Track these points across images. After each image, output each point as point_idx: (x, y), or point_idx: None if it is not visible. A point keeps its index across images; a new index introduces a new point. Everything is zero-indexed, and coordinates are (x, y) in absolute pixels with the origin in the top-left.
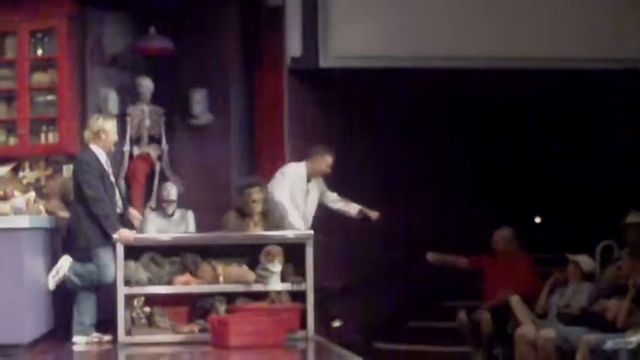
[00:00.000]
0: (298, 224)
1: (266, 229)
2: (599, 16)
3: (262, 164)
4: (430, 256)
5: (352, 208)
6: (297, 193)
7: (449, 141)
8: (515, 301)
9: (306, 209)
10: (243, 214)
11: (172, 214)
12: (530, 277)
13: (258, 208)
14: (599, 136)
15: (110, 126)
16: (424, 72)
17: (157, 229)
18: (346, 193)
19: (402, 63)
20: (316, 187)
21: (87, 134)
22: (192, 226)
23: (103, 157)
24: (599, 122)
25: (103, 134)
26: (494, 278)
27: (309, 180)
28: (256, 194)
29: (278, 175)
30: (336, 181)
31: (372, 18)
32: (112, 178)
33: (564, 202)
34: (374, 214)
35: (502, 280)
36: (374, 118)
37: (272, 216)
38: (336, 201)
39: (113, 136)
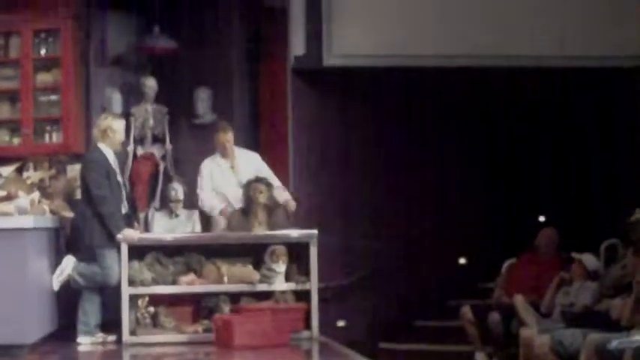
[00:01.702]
0: (211, 205)
1: (271, 229)
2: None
3: (266, 163)
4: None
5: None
6: (217, 177)
7: (451, 139)
8: (518, 301)
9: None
10: (247, 213)
11: (178, 214)
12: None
13: (263, 199)
14: (603, 133)
15: (118, 125)
16: (427, 70)
17: (163, 229)
18: (350, 189)
19: (405, 62)
20: (246, 162)
21: (95, 133)
22: (198, 226)
23: (110, 157)
24: (603, 119)
25: (111, 133)
26: (519, 276)
27: (224, 157)
28: (262, 187)
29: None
30: (339, 177)
31: (376, 16)
32: (120, 178)
33: (568, 201)
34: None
35: (528, 279)
36: (377, 117)
37: (276, 215)
38: None
39: (120, 135)
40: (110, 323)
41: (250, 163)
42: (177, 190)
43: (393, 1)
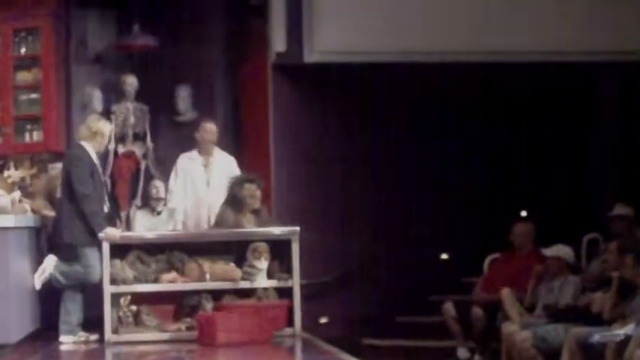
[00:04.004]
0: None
1: (258, 227)
2: (592, 8)
3: (248, 160)
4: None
5: None
6: (187, 175)
7: (431, 135)
8: (505, 295)
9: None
10: (236, 206)
11: (160, 212)
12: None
13: (255, 204)
14: (585, 129)
15: (107, 130)
16: (408, 66)
17: (144, 227)
18: (331, 186)
19: (386, 58)
20: (221, 162)
21: (83, 132)
22: (179, 224)
23: (94, 155)
24: (586, 115)
25: (100, 136)
26: (498, 272)
27: (201, 152)
28: (256, 191)
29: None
30: (320, 174)
31: (357, 13)
32: (102, 177)
33: (549, 195)
34: None
35: (506, 275)
36: (358, 113)
37: (263, 214)
38: None
39: (107, 140)
40: (92, 322)
41: (227, 165)
42: (159, 188)
43: None
